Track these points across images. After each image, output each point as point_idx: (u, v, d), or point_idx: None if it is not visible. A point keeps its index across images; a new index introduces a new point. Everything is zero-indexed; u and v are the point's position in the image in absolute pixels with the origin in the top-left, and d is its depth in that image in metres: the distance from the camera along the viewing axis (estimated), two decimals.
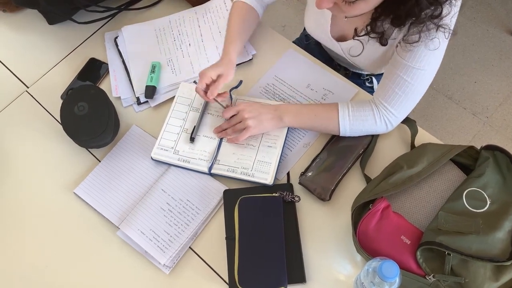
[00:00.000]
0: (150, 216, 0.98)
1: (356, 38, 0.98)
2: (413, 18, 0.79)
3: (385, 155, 1.02)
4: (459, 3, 0.84)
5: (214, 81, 1.00)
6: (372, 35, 0.86)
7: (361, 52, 1.04)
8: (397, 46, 0.92)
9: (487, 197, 0.86)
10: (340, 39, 1.08)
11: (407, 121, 1.02)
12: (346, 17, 1.01)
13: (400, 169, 0.91)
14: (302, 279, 0.91)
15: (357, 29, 0.98)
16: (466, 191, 0.87)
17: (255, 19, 1.13)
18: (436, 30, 0.82)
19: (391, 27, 0.88)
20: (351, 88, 1.11)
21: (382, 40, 0.87)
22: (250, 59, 1.16)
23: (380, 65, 1.07)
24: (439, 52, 0.89)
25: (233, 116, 1.03)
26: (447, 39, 0.85)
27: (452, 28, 0.84)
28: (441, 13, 0.79)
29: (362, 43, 1.01)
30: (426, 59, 0.88)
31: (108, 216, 1.00)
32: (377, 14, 0.83)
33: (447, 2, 0.78)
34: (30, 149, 1.09)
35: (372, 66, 1.08)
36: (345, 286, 0.91)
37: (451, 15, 0.82)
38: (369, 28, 0.86)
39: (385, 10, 0.81)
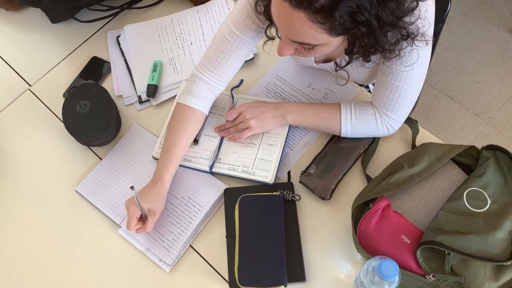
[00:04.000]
0: None
1: (339, 69, 0.96)
2: (380, 51, 0.78)
3: (386, 155, 1.02)
4: (431, 13, 0.82)
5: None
6: (354, 56, 0.85)
7: (348, 78, 1.03)
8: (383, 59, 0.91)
9: (487, 197, 0.85)
10: (327, 60, 1.05)
11: (409, 120, 1.02)
12: None
13: (401, 169, 0.91)
14: (302, 277, 0.91)
15: (336, 62, 0.97)
16: (467, 190, 0.87)
17: (199, 120, 1.02)
18: (411, 45, 0.81)
19: None
20: (352, 87, 1.11)
21: (365, 57, 0.84)
22: (252, 58, 1.16)
23: (371, 78, 1.04)
24: (425, 55, 0.87)
25: (235, 117, 1.03)
26: (427, 45, 0.83)
27: (429, 37, 0.81)
28: (408, 34, 0.77)
29: (346, 72, 1.01)
30: (413, 62, 0.86)
31: (109, 214, 1.00)
32: (349, 49, 0.81)
33: (411, 26, 0.76)
34: (32, 147, 1.10)
35: (363, 80, 1.06)
36: (345, 285, 0.91)
37: (423, 29, 0.79)
38: (348, 56, 0.85)
39: (353, 47, 0.80)
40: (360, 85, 1.17)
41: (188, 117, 1.00)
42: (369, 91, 1.26)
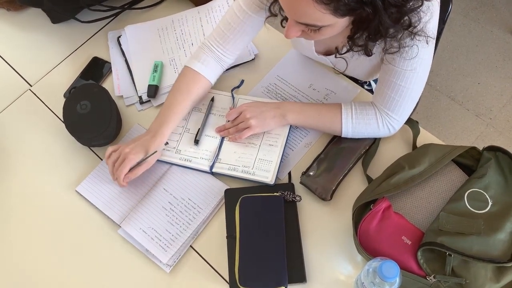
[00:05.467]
0: (152, 215, 0.99)
1: (339, 56, 0.97)
2: (383, 35, 0.79)
3: (386, 156, 1.02)
4: (434, 8, 0.83)
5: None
6: (356, 48, 0.86)
7: (346, 68, 1.04)
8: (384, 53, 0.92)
9: (488, 198, 0.85)
10: (327, 53, 1.06)
11: (409, 121, 1.02)
12: None
13: (401, 170, 0.91)
14: (302, 278, 0.91)
15: (337, 47, 0.98)
16: (468, 192, 0.87)
17: (202, 87, 1.05)
18: (412, 39, 0.82)
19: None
20: (353, 88, 1.11)
21: (367, 51, 0.86)
22: (253, 59, 1.16)
23: (371, 74, 1.06)
24: (427, 54, 0.88)
25: (236, 117, 1.03)
26: (428, 44, 0.84)
27: (430, 33, 0.82)
28: (410, 23, 0.78)
29: (345, 60, 1.01)
30: (415, 60, 0.87)
31: (110, 215, 1.00)
32: (352, 33, 0.83)
33: (415, 12, 0.77)
34: (32, 147, 1.10)
35: (364, 75, 1.07)
36: (346, 286, 0.91)
37: (424, 21, 0.80)
38: (350, 43, 0.86)
39: (356, 30, 0.81)
40: (360, 84, 1.17)
41: (192, 81, 1.03)
42: (368, 90, 1.25)
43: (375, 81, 1.24)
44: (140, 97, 1.13)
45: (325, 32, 0.80)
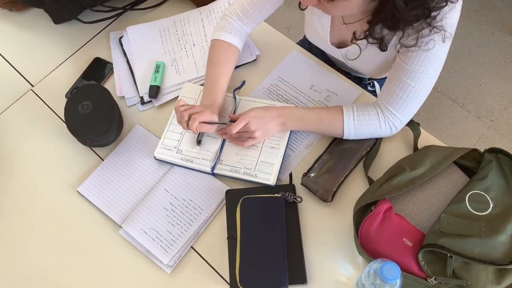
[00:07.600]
0: (153, 215, 0.99)
1: (354, 42, 0.99)
2: (398, 21, 0.80)
3: (388, 157, 1.02)
4: (456, 5, 0.84)
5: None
6: (371, 40, 0.87)
7: (358, 56, 1.05)
8: (398, 51, 0.92)
9: (490, 200, 0.85)
10: (340, 45, 1.08)
11: (410, 123, 1.02)
12: (344, 24, 1.02)
13: (402, 171, 0.91)
14: (303, 280, 0.91)
15: (355, 33, 0.99)
16: (469, 193, 0.86)
17: (236, 56, 1.10)
18: (430, 31, 0.83)
19: (390, 32, 0.89)
20: (354, 89, 1.11)
21: (382, 45, 0.88)
22: (254, 60, 1.17)
23: (381, 71, 1.07)
24: (441, 54, 0.89)
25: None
26: (443, 42, 0.85)
27: (448, 29, 0.84)
28: (429, 14, 0.79)
29: (359, 48, 1.02)
30: (428, 62, 0.88)
31: (111, 215, 1.00)
32: (371, 18, 0.84)
33: (433, 4, 0.78)
34: (34, 148, 1.10)
35: (373, 71, 1.08)
36: (346, 287, 0.91)
37: (442, 15, 0.81)
38: (367, 33, 0.87)
39: (375, 15, 0.83)
40: (363, 85, 1.17)
41: (228, 51, 1.07)
42: (371, 91, 1.26)
43: (379, 82, 1.24)
44: (142, 98, 1.13)
45: (340, 5, 0.81)
